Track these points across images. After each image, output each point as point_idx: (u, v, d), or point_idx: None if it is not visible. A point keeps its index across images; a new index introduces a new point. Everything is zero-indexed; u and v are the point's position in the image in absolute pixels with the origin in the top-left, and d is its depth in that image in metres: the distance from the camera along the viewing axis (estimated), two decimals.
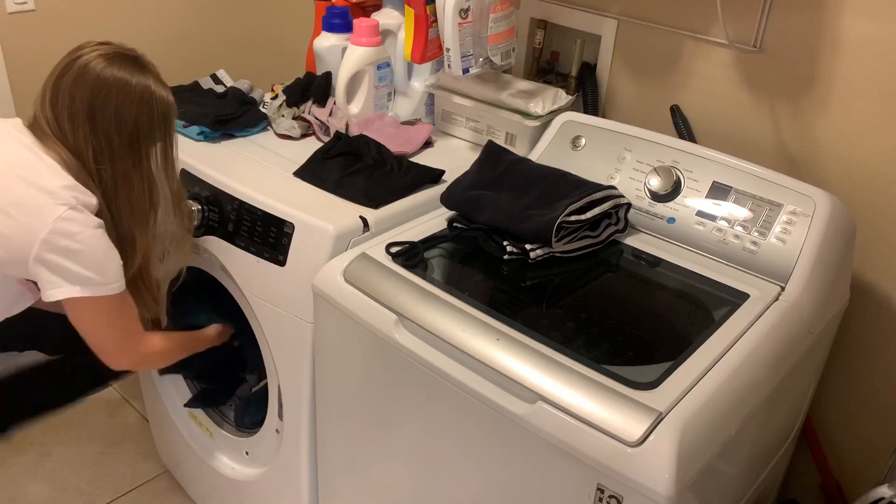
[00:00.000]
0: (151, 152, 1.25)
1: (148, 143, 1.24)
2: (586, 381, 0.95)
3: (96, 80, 1.18)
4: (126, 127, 1.20)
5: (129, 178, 1.23)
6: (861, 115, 1.34)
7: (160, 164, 1.27)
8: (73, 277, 1.17)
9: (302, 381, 1.34)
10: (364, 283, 1.16)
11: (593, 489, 0.92)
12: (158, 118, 1.23)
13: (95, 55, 1.19)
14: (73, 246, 1.15)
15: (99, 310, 1.23)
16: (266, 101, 1.65)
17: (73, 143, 1.19)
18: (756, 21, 1.40)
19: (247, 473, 1.59)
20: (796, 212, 1.21)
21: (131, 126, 1.20)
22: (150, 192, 1.27)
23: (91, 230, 1.17)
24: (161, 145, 1.26)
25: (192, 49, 2.37)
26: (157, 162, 1.26)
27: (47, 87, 1.20)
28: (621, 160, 1.36)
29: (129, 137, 1.21)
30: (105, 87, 1.18)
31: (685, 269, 1.22)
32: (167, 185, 1.29)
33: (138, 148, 1.22)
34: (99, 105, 1.18)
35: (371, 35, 1.54)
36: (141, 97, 1.20)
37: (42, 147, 1.19)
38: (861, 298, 1.42)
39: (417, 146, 1.54)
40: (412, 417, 1.14)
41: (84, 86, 1.18)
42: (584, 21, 1.64)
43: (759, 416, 1.08)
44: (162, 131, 1.25)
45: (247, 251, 1.33)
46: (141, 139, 1.22)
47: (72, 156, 1.19)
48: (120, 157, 1.21)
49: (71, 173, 1.18)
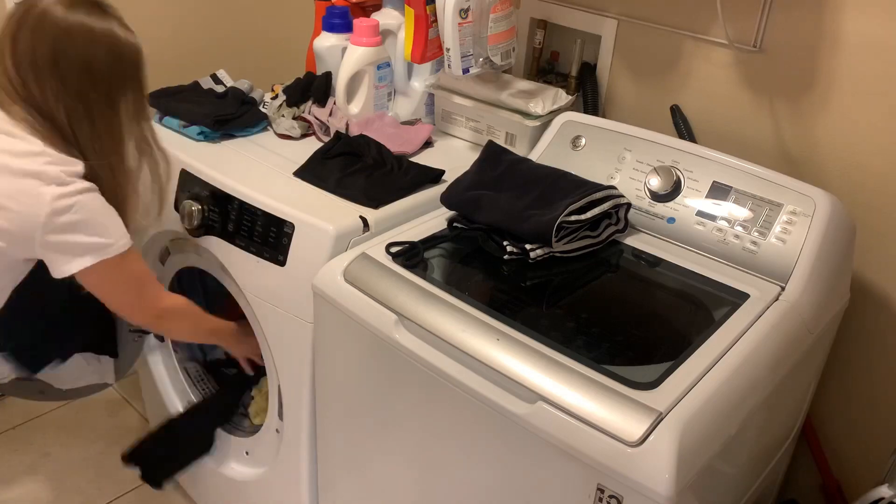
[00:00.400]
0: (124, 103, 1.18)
1: (120, 93, 1.17)
2: (586, 381, 0.95)
3: (58, 28, 1.10)
4: (98, 79, 1.13)
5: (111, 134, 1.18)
6: (861, 115, 1.34)
7: (133, 115, 1.21)
8: (81, 249, 1.14)
9: (302, 381, 1.34)
10: (364, 283, 1.16)
11: (593, 489, 0.92)
12: (129, 65, 1.17)
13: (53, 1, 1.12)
14: (73, 218, 1.12)
15: (113, 270, 1.20)
16: (266, 101, 1.65)
17: (42, 102, 1.12)
18: (756, 21, 1.40)
19: (247, 473, 1.59)
20: (796, 212, 1.21)
21: (103, 78, 1.14)
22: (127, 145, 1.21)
23: (84, 195, 1.13)
24: (132, 94, 1.19)
25: (192, 49, 2.36)
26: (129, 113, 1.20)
27: (4, 41, 1.12)
28: (621, 160, 1.36)
29: (103, 89, 1.15)
30: (68, 35, 1.10)
31: (685, 269, 1.22)
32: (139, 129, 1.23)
33: (113, 100, 1.16)
34: (63, 56, 1.10)
35: (371, 35, 1.54)
36: (109, 44, 1.13)
37: (9, 118, 1.12)
38: (861, 298, 1.42)
39: (418, 146, 1.54)
40: (412, 417, 1.14)
41: (45, 35, 1.10)
42: (584, 21, 1.64)
43: (759, 416, 1.08)
44: (134, 79, 1.19)
45: (247, 251, 1.33)
46: (113, 90, 1.16)
47: (44, 120, 1.13)
48: (97, 112, 1.15)
49: (48, 143, 1.13)
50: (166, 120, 1.57)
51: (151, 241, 1.56)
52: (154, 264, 1.61)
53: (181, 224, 1.42)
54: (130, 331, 1.64)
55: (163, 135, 1.53)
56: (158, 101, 1.58)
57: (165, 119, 1.57)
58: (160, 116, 1.58)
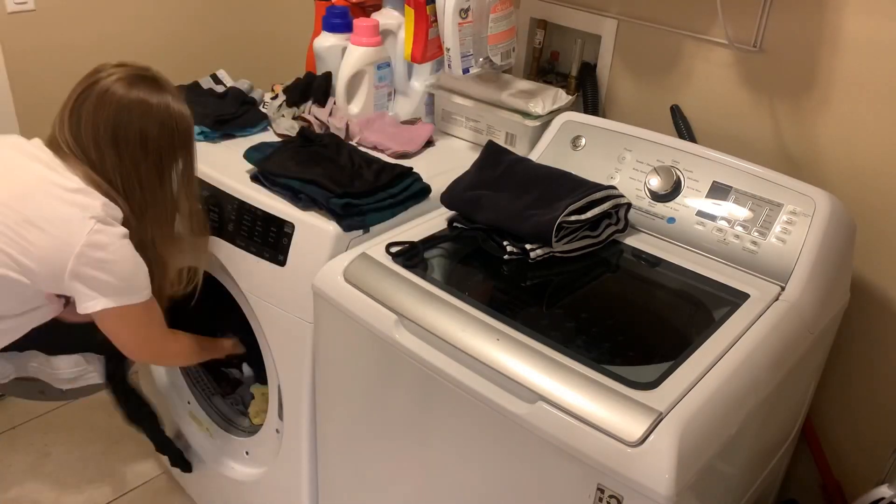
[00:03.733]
0: (174, 170, 1.26)
1: (171, 161, 1.25)
2: (586, 381, 0.95)
3: (119, 105, 1.18)
4: (151, 149, 1.21)
5: (156, 198, 1.25)
6: (861, 115, 1.34)
7: (183, 181, 1.28)
8: (108, 289, 1.19)
9: (302, 381, 1.34)
10: (364, 283, 1.16)
11: (593, 489, 0.92)
12: (180, 136, 1.24)
13: (114, 79, 1.19)
14: (107, 257, 1.17)
15: (130, 316, 1.25)
16: (266, 101, 1.65)
17: (100, 168, 1.20)
18: (756, 21, 1.40)
19: (247, 473, 1.59)
20: (796, 212, 1.21)
21: (155, 148, 1.21)
22: (173, 210, 1.29)
23: (120, 240, 1.19)
24: (183, 162, 1.27)
25: (192, 49, 2.37)
26: (178, 178, 1.27)
27: (66, 111, 1.21)
28: (621, 160, 1.36)
29: (155, 160, 1.22)
30: (127, 111, 1.19)
31: (685, 268, 1.22)
32: (187, 201, 1.30)
33: (162, 168, 1.24)
34: (122, 130, 1.19)
35: (371, 35, 1.54)
36: (163, 117, 1.21)
37: (65, 165, 1.19)
38: (861, 298, 1.42)
39: (419, 145, 1.54)
40: (412, 417, 1.14)
41: (107, 112, 1.18)
42: (584, 21, 1.64)
43: (759, 416, 1.08)
44: (184, 149, 1.27)
45: (247, 251, 1.34)
46: (164, 160, 1.24)
47: (99, 178, 1.20)
48: (147, 179, 1.23)
49: (97, 189, 1.19)
50: None
51: None
52: None
53: None
54: None
55: None
56: None
57: None
58: None
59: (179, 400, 1.73)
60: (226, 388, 1.74)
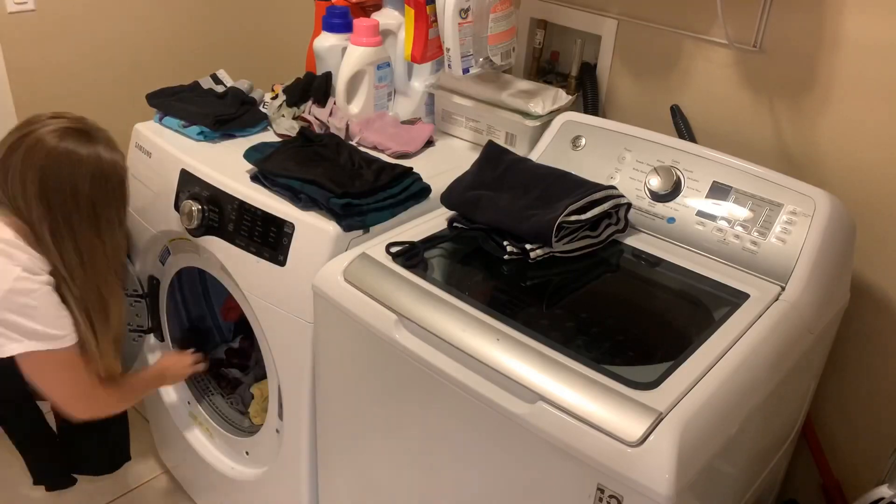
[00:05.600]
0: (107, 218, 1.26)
1: (106, 211, 1.25)
2: (586, 381, 0.95)
3: (47, 156, 1.18)
4: (83, 202, 1.21)
5: (93, 246, 1.25)
6: (861, 115, 1.34)
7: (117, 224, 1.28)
8: (30, 333, 1.19)
9: (302, 381, 1.34)
10: (364, 283, 1.16)
11: (593, 489, 0.92)
12: (112, 184, 1.24)
13: (46, 130, 1.19)
14: (30, 303, 1.18)
15: (54, 363, 1.24)
16: (266, 101, 1.65)
17: (28, 218, 1.20)
18: (756, 21, 1.40)
19: (247, 473, 1.59)
20: (796, 212, 1.21)
21: (87, 200, 1.21)
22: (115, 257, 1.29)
23: (45, 288, 1.19)
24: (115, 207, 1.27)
25: (192, 49, 2.37)
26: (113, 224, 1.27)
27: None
28: (621, 160, 1.36)
29: (88, 212, 1.22)
30: (56, 163, 1.19)
31: (685, 268, 1.22)
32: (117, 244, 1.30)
33: (98, 219, 1.24)
34: (52, 182, 1.19)
35: (371, 35, 1.54)
36: (94, 169, 1.21)
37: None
38: (861, 298, 1.42)
39: (420, 145, 1.54)
40: (412, 417, 1.14)
41: (33, 163, 1.18)
42: (584, 21, 1.64)
43: (760, 416, 1.08)
44: (117, 195, 1.26)
45: (247, 251, 1.34)
46: (98, 210, 1.23)
47: (28, 229, 1.20)
48: (81, 230, 1.23)
49: (25, 240, 1.19)
50: (166, 120, 1.57)
51: (151, 240, 1.56)
52: (154, 264, 1.61)
53: (181, 224, 1.42)
54: (130, 330, 1.64)
55: (163, 135, 1.54)
56: (158, 101, 1.59)
57: (165, 119, 1.57)
58: (160, 116, 1.58)
59: (179, 400, 1.73)
60: (226, 388, 1.74)
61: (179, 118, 1.54)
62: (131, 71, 2.23)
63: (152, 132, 1.55)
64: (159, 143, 1.52)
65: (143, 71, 2.25)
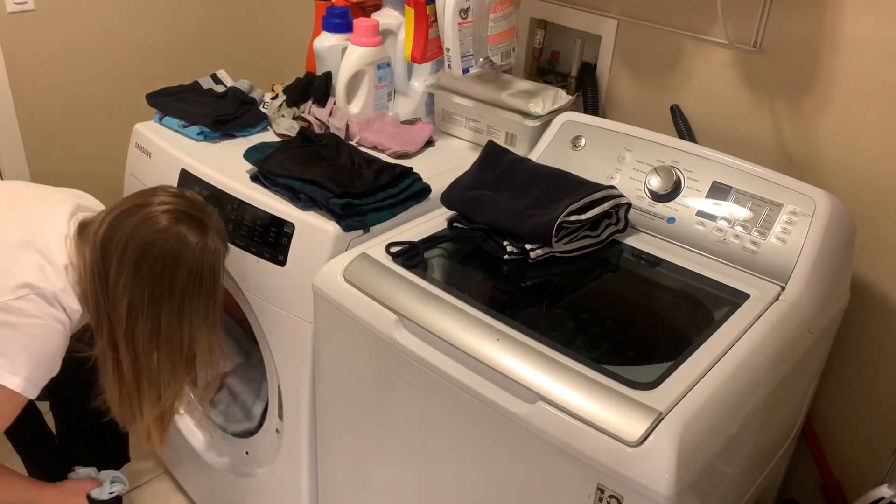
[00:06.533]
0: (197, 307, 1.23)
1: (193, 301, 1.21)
2: (586, 381, 0.95)
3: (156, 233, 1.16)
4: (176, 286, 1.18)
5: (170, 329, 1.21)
6: (861, 115, 1.34)
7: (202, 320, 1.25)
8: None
9: (302, 381, 1.34)
10: (364, 283, 1.17)
11: (593, 489, 0.92)
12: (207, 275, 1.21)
13: (162, 210, 1.17)
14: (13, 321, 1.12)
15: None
16: (266, 101, 1.65)
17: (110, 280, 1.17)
18: (756, 21, 1.40)
19: (247, 473, 1.59)
20: (796, 212, 1.21)
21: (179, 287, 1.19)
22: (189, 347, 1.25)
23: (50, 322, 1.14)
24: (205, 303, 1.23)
25: (192, 49, 2.37)
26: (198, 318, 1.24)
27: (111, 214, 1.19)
28: (621, 160, 1.36)
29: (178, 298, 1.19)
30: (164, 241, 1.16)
31: (685, 268, 1.22)
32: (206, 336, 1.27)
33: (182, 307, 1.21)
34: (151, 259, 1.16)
35: (371, 35, 1.54)
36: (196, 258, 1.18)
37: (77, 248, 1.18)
38: (861, 298, 1.42)
39: (420, 145, 1.54)
40: (412, 417, 1.14)
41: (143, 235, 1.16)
42: (584, 21, 1.64)
43: (759, 416, 1.08)
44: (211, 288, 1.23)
45: (247, 251, 1.34)
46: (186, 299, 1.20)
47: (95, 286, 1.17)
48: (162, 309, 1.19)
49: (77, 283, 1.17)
50: (166, 120, 1.57)
51: None
52: None
53: None
54: None
55: (163, 135, 1.54)
56: (158, 101, 1.59)
57: (165, 119, 1.57)
58: (160, 116, 1.58)
59: None
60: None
61: (179, 118, 1.55)
62: (131, 71, 2.23)
63: (152, 132, 1.55)
64: (159, 143, 1.52)
65: (143, 71, 2.25)
